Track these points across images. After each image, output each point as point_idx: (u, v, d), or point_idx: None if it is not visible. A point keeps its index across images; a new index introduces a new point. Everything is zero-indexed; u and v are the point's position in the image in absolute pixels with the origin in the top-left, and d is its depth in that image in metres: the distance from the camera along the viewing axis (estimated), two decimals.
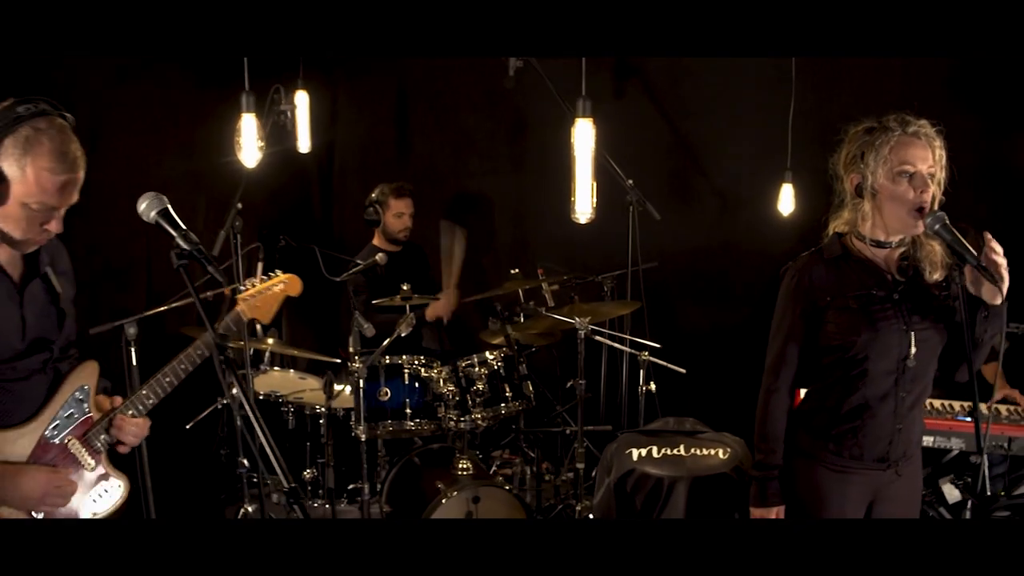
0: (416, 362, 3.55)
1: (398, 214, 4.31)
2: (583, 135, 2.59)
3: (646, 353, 3.71)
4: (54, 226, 1.89)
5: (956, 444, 3.27)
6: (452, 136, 4.97)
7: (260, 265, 3.58)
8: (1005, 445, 3.23)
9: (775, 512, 2.27)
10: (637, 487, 2.89)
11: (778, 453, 2.26)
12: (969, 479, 3.28)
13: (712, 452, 3.07)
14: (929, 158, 2.15)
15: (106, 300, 4.06)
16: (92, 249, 3.99)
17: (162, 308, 3.20)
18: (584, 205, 2.60)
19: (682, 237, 4.59)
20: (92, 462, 2.02)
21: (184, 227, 1.83)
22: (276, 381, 3.94)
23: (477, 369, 3.55)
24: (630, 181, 3.74)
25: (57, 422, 1.99)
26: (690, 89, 4.65)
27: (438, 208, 5.02)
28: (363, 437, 3.33)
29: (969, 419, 3.28)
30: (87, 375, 2.05)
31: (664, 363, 3.70)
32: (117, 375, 2.31)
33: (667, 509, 2.81)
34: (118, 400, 2.09)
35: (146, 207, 1.86)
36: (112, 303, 4.03)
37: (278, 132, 3.43)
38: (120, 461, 2.13)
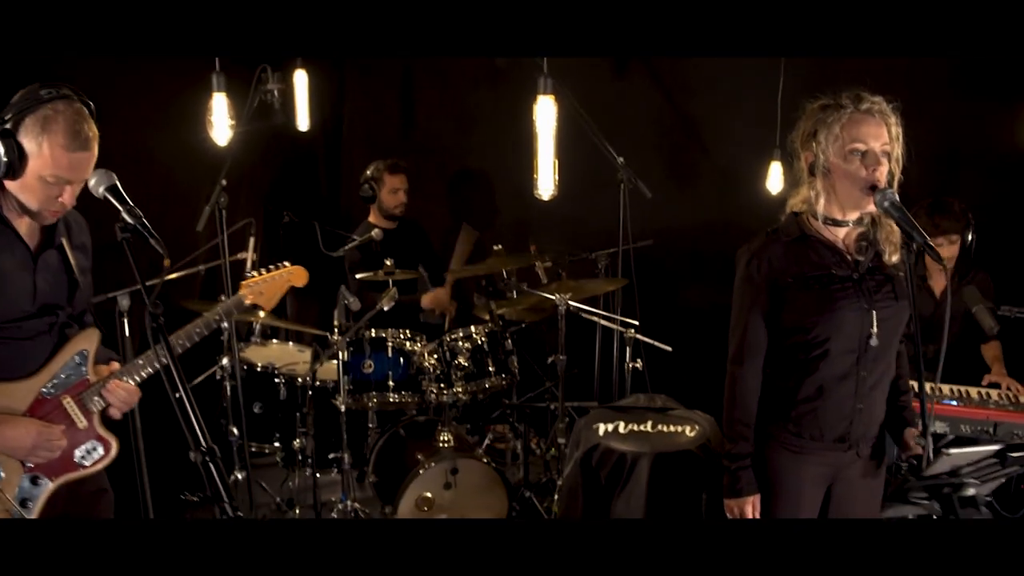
0: (400, 335, 3.62)
1: (393, 190, 4.35)
2: (545, 113, 2.61)
3: (632, 331, 3.71)
4: (67, 198, 2.07)
5: (940, 427, 3.21)
6: (456, 113, 5.00)
7: (252, 240, 3.65)
8: (990, 430, 3.16)
9: (750, 502, 2.22)
10: (602, 462, 2.91)
11: (749, 440, 2.22)
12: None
13: (679, 429, 3.06)
14: (883, 135, 2.11)
15: (105, 272, 4.18)
16: (92, 223, 4.11)
17: (154, 281, 3.30)
18: (547, 181, 2.63)
19: (682, 215, 4.56)
20: (84, 420, 2.18)
21: (131, 203, 1.99)
22: (275, 353, 4.04)
23: (461, 344, 3.60)
24: (621, 159, 3.72)
25: (55, 381, 2.16)
26: (690, 68, 4.60)
27: (441, 184, 5.07)
28: (343, 408, 3.42)
29: (955, 403, 3.23)
30: (87, 341, 2.22)
31: (649, 340, 3.71)
32: (112, 346, 2.42)
33: (630, 484, 2.81)
34: (116, 366, 2.25)
35: (95, 183, 2.02)
36: (112, 275, 4.16)
37: (266, 111, 3.50)
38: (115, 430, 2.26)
